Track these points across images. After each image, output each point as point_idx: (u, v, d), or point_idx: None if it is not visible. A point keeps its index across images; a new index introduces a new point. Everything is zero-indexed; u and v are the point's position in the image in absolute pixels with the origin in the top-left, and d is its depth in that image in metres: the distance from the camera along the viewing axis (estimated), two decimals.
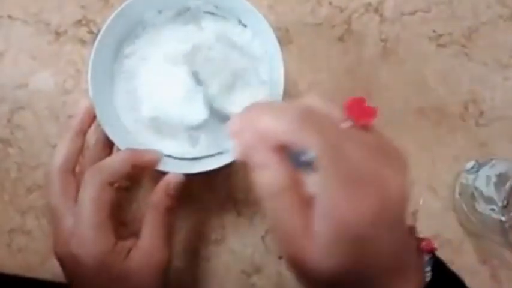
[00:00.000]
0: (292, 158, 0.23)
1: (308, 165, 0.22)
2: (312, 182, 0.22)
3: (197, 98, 0.35)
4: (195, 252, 0.40)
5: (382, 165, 0.22)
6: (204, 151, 0.36)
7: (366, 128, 0.23)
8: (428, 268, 0.25)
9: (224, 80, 0.36)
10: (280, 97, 0.34)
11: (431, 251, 0.26)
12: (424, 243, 0.26)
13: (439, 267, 0.26)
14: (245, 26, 0.37)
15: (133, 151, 0.33)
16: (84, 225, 0.31)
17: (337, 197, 0.21)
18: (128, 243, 0.32)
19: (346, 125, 0.23)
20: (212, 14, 0.37)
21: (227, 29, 0.37)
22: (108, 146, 0.36)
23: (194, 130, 0.36)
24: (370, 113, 0.23)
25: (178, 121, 0.36)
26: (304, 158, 0.22)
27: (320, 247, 0.21)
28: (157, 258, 0.32)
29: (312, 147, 0.21)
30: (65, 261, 0.31)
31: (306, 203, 0.22)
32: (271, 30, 0.34)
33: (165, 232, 0.33)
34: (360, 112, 0.23)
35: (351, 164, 0.21)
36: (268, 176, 0.22)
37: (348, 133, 0.23)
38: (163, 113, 0.36)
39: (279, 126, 0.22)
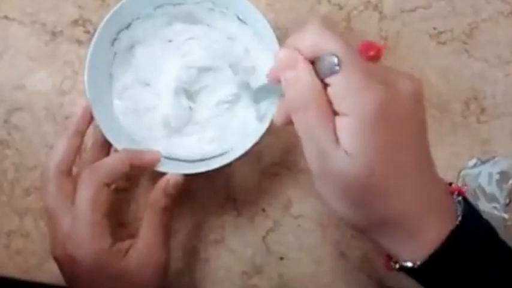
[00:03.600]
0: (322, 68, 0.25)
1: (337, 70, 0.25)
2: (336, 82, 0.24)
3: (199, 94, 0.35)
4: (195, 253, 0.40)
5: (395, 74, 0.25)
6: (205, 152, 0.36)
7: (376, 59, 0.28)
8: (460, 208, 0.26)
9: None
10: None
11: (462, 194, 0.27)
12: (454, 186, 0.27)
13: (470, 209, 0.26)
14: (245, 23, 0.37)
15: (131, 152, 0.33)
16: (81, 226, 0.30)
17: (356, 85, 0.23)
18: (126, 243, 0.32)
19: None
20: (212, 10, 0.37)
21: (226, 26, 0.37)
22: (106, 147, 0.36)
23: (194, 130, 0.36)
24: (377, 48, 0.28)
25: (178, 119, 0.35)
26: (336, 61, 0.24)
27: (349, 149, 0.23)
28: (155, 257, 0.32)
29: (334, 46, 0.24)
30: (62, 262, 0.31)
31: (331, 113, 0.24)
32: (271, 29, 0.33)
33: (163, 232, 0.33)
34: (369, 47, 0.29)
35: (367, 67, 0.24)
36: (301, 86, 0.25)
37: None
38: (161, 112, 0.36)
39: (306, 40, 0.25)
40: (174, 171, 0.33)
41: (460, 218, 0.25)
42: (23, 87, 0.42)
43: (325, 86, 0.24)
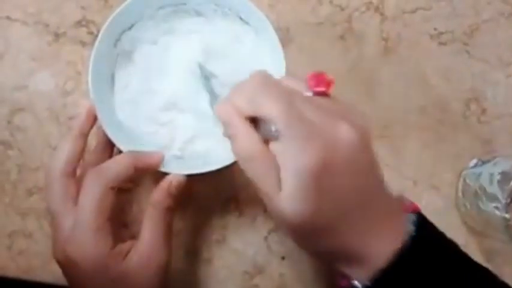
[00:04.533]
0: (263, 130, 0.26)
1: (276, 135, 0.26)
2: (274, 146, 0.26)
3: (202, 92, 0.35)
4: (197, 253, 0.40)
5: (334, 121, 0.25)
6: (207, 153, 0.36)
7: (324, 95, 0.27)
8: (411, 226, 0.26)
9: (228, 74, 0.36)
10: None
11: (415, 211, 0.28)
12: (408, 204, 0.28)
13: (424, 225, 0.27)
14: (247, 23, 0.37)
15: (136, 154, 0.33)
16: (83, 229, 0.30)
17: (293, 151, 0.24)
18: (127, 244, 0.32)
19: (305, 94, 0.27)
20: (214, 11, 0.37)
21: (228, 26, 0.37)
22: (109, 148, 0.36)
23: (196, 130, 0.36)
24: (326, 81, 0.27)
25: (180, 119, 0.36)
26: (274, 128, 0.25)
27: (288, 197, 0.25)
28: (156, 258, 0.32)
29: (270, 113, 0.25)
30: (63, 263, 0.31)
31: (276, 165, 0.25)
32: (273, 30, 0.34)
33: (165, 232, 0.33)
34: (318, 82, 0.27)
35: (305, 123, 0.25)
36: (239, 144, 0.26)
37: (305, 98, 0.26)
38: (165, 112, 0.36)
39: (242, 100, 0.26)
40: (176, 171, 0.33)
41: (406, 237, 0.26)
42: (26, 88, 0.42)
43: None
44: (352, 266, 0.26)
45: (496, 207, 0.35)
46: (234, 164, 0.34)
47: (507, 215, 0.34)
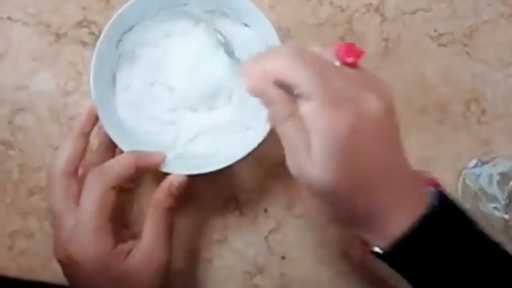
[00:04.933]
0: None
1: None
2: (305, 110, 0.26)
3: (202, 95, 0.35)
4: (197, 252, 0.40)
5: (363, 90, 0.26)
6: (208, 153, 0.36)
7: (353, 66, 0.27)
8: (433, 198, 0.27)
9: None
10: None
11: (436, 186, 0.28)
12: (428, 179, 0.29)
13: (445, 200, 0.28)
14: (247, 25, 0.37)
15: (138, 154, 0.33)
16: (84, 229, 0.31)
17: (323, 115, 0.25)
18: (128, 244, 0.32)
19: (335, 63, 0.27)
20: (214, 11, 0.37)
21: (229, 27, 0.37)
22: (111, 148, 0.36)
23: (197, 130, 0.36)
24: (356, 53, 0.27)
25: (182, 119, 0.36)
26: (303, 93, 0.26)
27: (317, 161, 0.25)
28: (157, 258, 0.32)
29: (302, 79, 0.25)
30: (65, 263, 0.31)
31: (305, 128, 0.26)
32: (274, 30, 0.34)
33: (165, 232, 0.33)
34: (348, 52, 0.27)
35: (335, 90, 0.25)
36: (274, 108, 0.26)
37: (335, 68, 0.27)
38: (166, 112, 0.36)
39: (276, 65, 0.26)
40: (177, 171, 0.34)
41: (428, 207, 0.26)
42: (27, 88, 0.42)
43: None
44: (375, 230, 0.27)
45: (496, 208, 0.35)
46: (234, 164, 0.34)
47: (506, 216, 0.34)
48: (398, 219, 0.26)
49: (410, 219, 0.26)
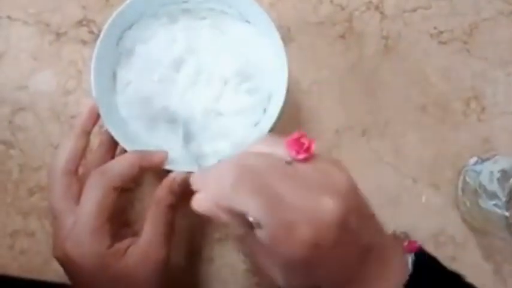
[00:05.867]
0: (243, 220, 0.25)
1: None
2: (259, 236, 0.25)
3: (202, 94, 0.35)
4: (199, 251, 0.40)
5: (316, 197, 0.24)
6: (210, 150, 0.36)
7: (307, 160, 0.26)
8: (410, 266, 0.27)
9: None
10: (283, 96, 0.34)
11: (415, 250, 0.28)
12: (406, 244, 0.28)
13: (423, 264, 0.27)
14: (248, 22, 0.37)
15: (140, 154, 0.33)
16: (82, 228, 0.31)
17: (276, 243, 0.24)
18: (125, 242, 0.32)
19: (287, 162, 0.26)
20: (212, 9, 0.37)
21: (229, 24, 0.37)
22: (113, 147, 0.36)
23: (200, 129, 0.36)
24: (306, 147, 0.26)
25: (181, 116, 0.36)
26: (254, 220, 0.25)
27: (279, 278, 0.25)
28: (155, 255, 0.32)
29: (249, 209, 0.24)
30: (62, 261, 0.31)
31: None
32: (275, 29, 0.34)
33: (165, 230, 0.33)
34: (298, 148, 0.26)
35: (286, 211, 0.24)
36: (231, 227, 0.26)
37: (286, 175, 0.25)
38: (166, 110, 0.36)
39: (222, 194, 0.25)
40: (180, 169, 0.34)
41: (405, 280, 0.26)
42: (27, 88, 0.42)
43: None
44: None
45: (496, 205, 0.35)
46: None
47: (507, 213, 0.34)
48: None
49: None
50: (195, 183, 0.27)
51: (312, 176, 0.26)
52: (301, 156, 0.26)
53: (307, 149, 0.26)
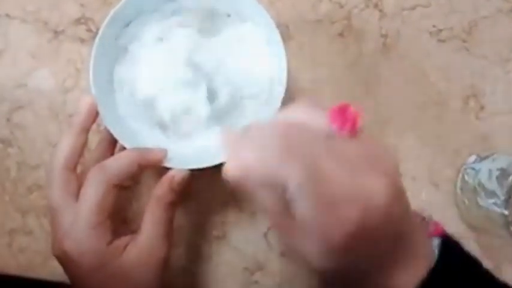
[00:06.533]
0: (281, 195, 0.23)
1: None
2: (299, 215, 0.23)
3: (200, 90, 0.35)
4: (197, 249, 0.40)
5: (363, 175, 0.23)
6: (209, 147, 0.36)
7: (351, 135, 0.24)
8: (435, 252, 0.26)
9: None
10: (283, 94, 0.34)
11: (441, 235, 0.27)
12: (431, 229, 0.27)
13: (448, 249, 0.26)
14: (246, 20, 0.37)
15: (140, 151, 0.33)
16: (82, 225, 0.30)
17: (318, 217, 0.22)
18: (124, 239, 0.32)
19: (329, 137, 0.24)
20: (211, 8, 0.37)
21: (227, 22, 0.37)
22: (112, 144, 0.36)
23: (197, 126, 0.36)
24: (351, 119, 0.23)
25: (180, 115, 0.36)
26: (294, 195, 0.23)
27: (314, 258, 0.24)
28: (155, 252, 0.32)
29: (292, 181, 0.22)
30: (61, 259, 0.31)
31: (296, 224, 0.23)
32: (274, 25, 0.34)
33: (165, 227, 0.33)
34: (343, 120, 0.23)
35: (331, 185, 0.22)
36: (261, 206, 0.24)
37: (329, 149, 0.23)
38: (165, 108, 0.36)
39: (257, 162, 0.23)
40: (179, 166, 0.34)
41: (430, 265, 0.25)
42: (25, 86, 0.42)
43: None
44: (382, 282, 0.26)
45: (495, 204, 0.35)
46: None
47: (506, 211, 0.34)
48: (403, 285, 0.25)
49: (414, 283, 0.25)
50: (225, 145, 0.25)
51: (358, 154, 0.23)
52: (346, 131, 0.23)
53: (353, 124, 0.23)
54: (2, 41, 0.42)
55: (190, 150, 0.36)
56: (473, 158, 0.39)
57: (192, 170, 0.34)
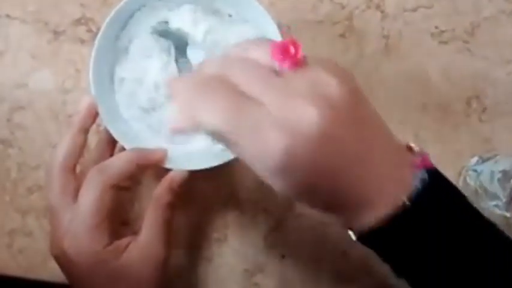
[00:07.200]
0: None
1: None
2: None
3: None
4: (198, 251, 0.40)
5: (298, 105, 0.22)
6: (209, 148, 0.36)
7: (294, 67, 0.23)
8: (417, 183, 0.24)
9: None
10: None
11: (426, 167, 0.25)
12: (418, 160, 0.25)
13: (434, 182, 0.24)
14: (247, 20, 0.37)
15: (139, 152, 0.33)
16: (80, 226, 0.30)
17: (245, 148, 0.22)
18: (124, 240, 0.32)
19: (275, 72, 0.23)
20: (211, 8, 0.37)
21: (226, 21, 0.37)
22: (111, 145, 0.36)
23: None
24: (290, 54, 0.23)
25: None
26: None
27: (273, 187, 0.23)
28: (155, 253, 0.32)
29: (206, 120, 0.22)
30: (59, 259, 0.31)
31: None
32: (276, 26, 0.34)
33: (165, 228, 0.33)
34: (284, 54, 0.23)
35: (255, 113, 0.22)
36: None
37: (267, 84, 0.23)
38: (165, 108, 0.36)
39: (186, 106, 0.23)
40: (179, 167, 0.33)
41: (409, 196, 0.23)
42: (26, 86, 0.42)
43: None
44: (349, 217, 0.25)
45: (497, 206, 0.35)
46: (235, 162, 0.34)
47: (508, 214, 0.34)
48: (378, 206, 0.23)
49: (390, 208, 0.23)
50: (168, 91, 0.26)
51: (301, 85, 0.22)
52: (286, 64, 0.23)
53: (294, 56, 0.22)
54: (2, 41, 0.42)
55: (190, 151, 0.36)
56: (475, 159, 0.39)
57: (192, 171, 0.33)
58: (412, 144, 0.26)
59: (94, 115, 0.34)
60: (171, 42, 0.35)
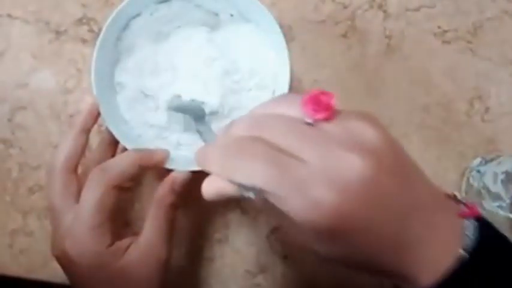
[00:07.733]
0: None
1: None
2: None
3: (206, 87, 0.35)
4: (199, 251, 0.40)
5: (340, 154, 0.21)
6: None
7: (328, 119, 0.23)
8: (471, 233, 0.23)
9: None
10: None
11: (474, 217, 0.24)
12: (463, 210, 0.24)
13: (486, 232, 0.23)
14: (250, 21, 0.37)
15: (141, 152, 0.33)
16: (82, 226, 0.30)
17: (290, 206, 0.21)
18: (126, 241, 0.32)
19: (307, 123, 0.23)
20: (212, 8, 0.37)
21: (228, 22, 0.37)
22: (113, 145, 0.36)
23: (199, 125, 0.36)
24: (324, 104, 0.22)
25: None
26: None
27: (313, 248, 0.23)
28: (156, 254, 0.32)
29: (252, 181, 0.21)
30: (61, 259, 0.31)
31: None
32: (277, 26, 0.33)
33: (166, 228, 0.33)
34: (316, 106, 0.22)
35: (298, 169, 0.21)
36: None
37: (303, 135, 0.22)
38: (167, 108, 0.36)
39: (224, 170, 0.23)
40: (181, 168, 0.33)
41: (462, 250, 0.23)
42: (27, 86, 0.42)
43: None
44: (404, 280, 0.23)
45: (500, 207, 0.35)
46: None
47: (511, 215, 0.34)
48: (426, 270, 0.22)
49: (442, 269, 0.22)
50: (198, 161, 0.25)
51: (338, 134, 0.22)
52: (320, 115, 0.22)
53: (327, 106, 0.22)
54: (3, 41, 0.42)
55: (191, 152, 0.36)
56: (478, 160, 0.39)
57: (194, 172, 0.33)
58: (456, 193, 0.26)
59: (96, 115, 0.34)
60: (189, 116, 0.35)
